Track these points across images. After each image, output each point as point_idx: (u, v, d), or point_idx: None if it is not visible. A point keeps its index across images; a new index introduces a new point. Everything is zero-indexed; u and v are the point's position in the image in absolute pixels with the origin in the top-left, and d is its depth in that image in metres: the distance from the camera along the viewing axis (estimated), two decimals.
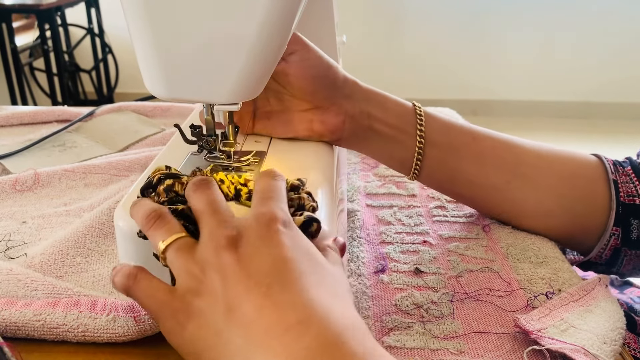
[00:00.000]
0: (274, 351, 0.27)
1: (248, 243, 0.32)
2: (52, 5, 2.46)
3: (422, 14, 3.13)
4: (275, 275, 0.30)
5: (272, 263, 0.30)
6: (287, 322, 0.28)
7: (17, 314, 0.43)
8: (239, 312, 0.29)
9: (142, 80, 0.42)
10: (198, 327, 0.30)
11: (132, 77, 3.10)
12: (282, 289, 0.29)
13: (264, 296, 0.29)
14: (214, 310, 0.30)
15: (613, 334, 0.43)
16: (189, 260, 0.32)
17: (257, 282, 0.30)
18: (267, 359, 0.27)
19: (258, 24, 0.39)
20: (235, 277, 0.30)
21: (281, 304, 0.29)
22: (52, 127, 0.84)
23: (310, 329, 0.27)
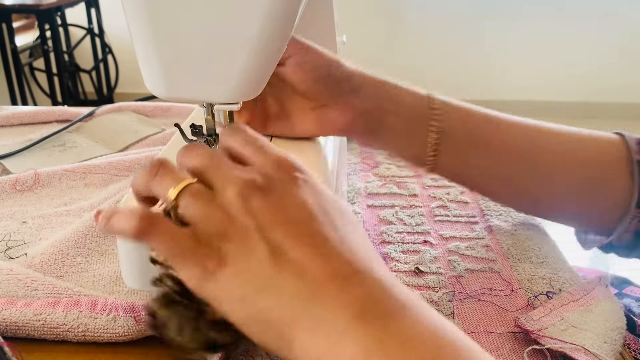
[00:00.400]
0: (332, 298, 0.27)
1: (273, 189, 0.30)
2: (52, 5, 2.46)
3: (422, 14, 3.13)
4: (313, 225, 0.29)
5: (305, 212, 0.30)
6: (342, 273, 0.28)
7: (18, 314, 0.43)
8: (287, 258, 0.28)
9: (142, 80, 0.42)
10: (236, 273, 0.29)
11: (132, 77, 3.10)
12: (326, 240, 0.29)
13: (311, 246, 0.28)
14: (255, 255, 0.28)
15: (613, 334, 0.43)
16: (209, 204, 0.30)
17: (298, 230, 0.29)
18: (327, 306, 0.27)
19: (258, 24, 0.39)
20: (271, 222, 0.29)
21: (329, 255, 0.28)
22: (52, 127, 0.84)
23: (366, 278, 0.28)
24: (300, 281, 0.28)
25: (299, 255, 0.28)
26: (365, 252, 0.30)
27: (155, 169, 0.32)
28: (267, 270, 0.28)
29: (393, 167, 0.74)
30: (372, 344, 0.26)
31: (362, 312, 0.27)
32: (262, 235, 0.29)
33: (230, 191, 0.30)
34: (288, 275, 0.28)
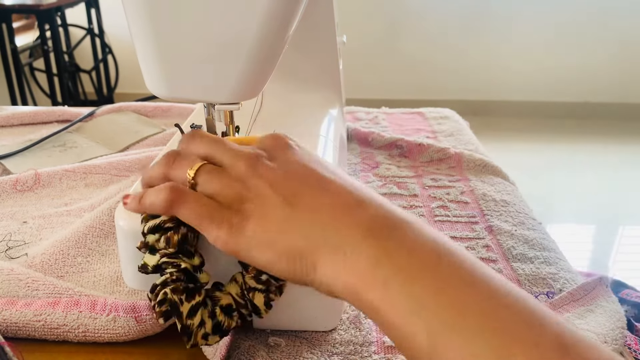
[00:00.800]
0: (344, 223, 0.31)
1: (275, 156, 0.35)
2: (52, 6, 2.46)
3: (422, 14, 3.13)
4: (315, 174, 0.34)
5: (306, 167, 0.34)
6: (349, 203, 0.32)
7: (18, 314, 0.43)
8: (301, 202, 0.33)
9: (142, 80, 0.42)
10: (259, 222, 0.33)
11: (132, 77, 3.10)
12: (329, 182, 0.34)
13: (318, 188, 0.33)
14: (272, 204, 0.33)
15: (614, 334, 0.43)
16: (223, 177, 0.35)
17: (304, 179, 0.34)
18: (341, 230, 0.31)
19: (258, 24, 0.39)
20: (281, 180, 0.34)
21: (335, 191, 0.33)
22: (53, 127, 0.84)
23: (369, 204, 0.32)
24: (315, 214, 0.32)
25: (310, 196, 0.33)
26: (362, 187, 0.34)
27: (172, 158, 0.37)
28: (285, 213, 0.32)
29: (393, 168, 0.74)
30: (381, 254, 0.30)
31: (370, 230, 0.31)
32: (274, 189, 0.33)
33: (240, 164, 0.35)
34: (304, 212, 0.32)
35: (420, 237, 0.31)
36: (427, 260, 0.29)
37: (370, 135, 0.81)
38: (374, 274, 0.30)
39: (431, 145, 0.77)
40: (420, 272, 0.29)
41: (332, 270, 0.31)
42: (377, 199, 0.33)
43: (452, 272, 0.29)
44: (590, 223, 2.23)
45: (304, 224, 0.32)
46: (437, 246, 0.30)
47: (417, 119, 0.92)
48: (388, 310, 0.29)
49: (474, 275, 0.29)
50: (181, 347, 0.43)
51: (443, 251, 0.30)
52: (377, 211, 0.32)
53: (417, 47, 3.19)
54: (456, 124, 0.89)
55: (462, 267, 0.29)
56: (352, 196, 0.33)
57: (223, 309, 0.37)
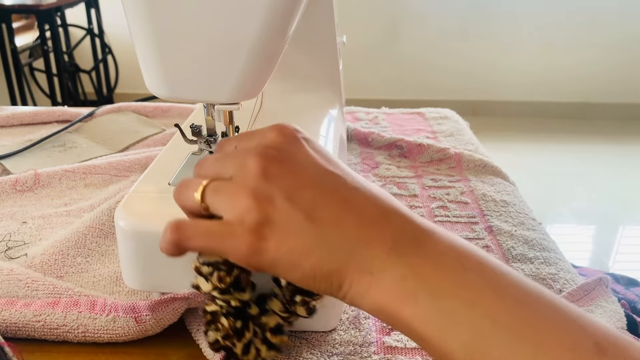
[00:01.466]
0: (369, 240, 0.30)
1: (285, 155, 0.32)
2: (52, 6, 2.46)
3: (422, 14, 3.13)
4: (332, 181, 0.32)
5: (320, 170, 0.32)
6: (373, 216, 0.31)
7: (17, 315, 0.43)
8: (322, 216, 0.31)
9: (142, 80, 0.42)
10: (280, 243, 0.30)
11: (132, 77, 3.10)
12: (348, 191, 0.32)
13: (338, 200, 0.31)
14: (292, 222, 0.30)
15: None
16: (231, 192, 0.32)
17: (321, 189, 0.31)
18: (366, 247, 0.30)
19: (258, 24, 0.39)
20: (296, 188, 0.31)
21: (357, 204, 0.31)
22: (52, 127, 0.84)
23: (393, 216, 0.31)
24: (339, 232, 0.30)
25: (330, 211, 0.31)
26: (382, 194, 0.33)
27: (179, 188, 0.34)
28: (307, 232, 0.30)
29: (393, 168, 0.74)
30: (408, 271, 0.29)
31: (395, 245, 0.30)
32: (292, 202, 0.31)
33: (248, 171, 0.31)
34: (327, 230, 0.30)
35: (445, 248, 0.30)
36: (454, 272, 0.29)
37: (370, 136, 0.81)
38: (402, 291, 0.29)
39: (431, 145, 0.77)
40: (448, 286, 0.28)
41: (361, 289, 0.30)
42: (399, 209, 0.32)
43: (480, 282, 0.28)
44: (590, 223, 2.23)
45: (328, 241, 0.30)
46: (463, 256, 0.30)
47: (417, 119, 0.92)
48: (421, 327, 0.29)
49: (503, 282, 0.29)
50: (181, 347, 0.43)
51: (469, 260, 0.29)
52: (400, 223, 0.31)
53: (417, 47, 3.19)
54: (456, 124, 0.89)
55: (489, 275, 0.29)
56: (376, 208, 0.31)
57: (273, 331, 0.37)
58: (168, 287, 0.43)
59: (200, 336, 0.43)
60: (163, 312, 0.43)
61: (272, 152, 0.32)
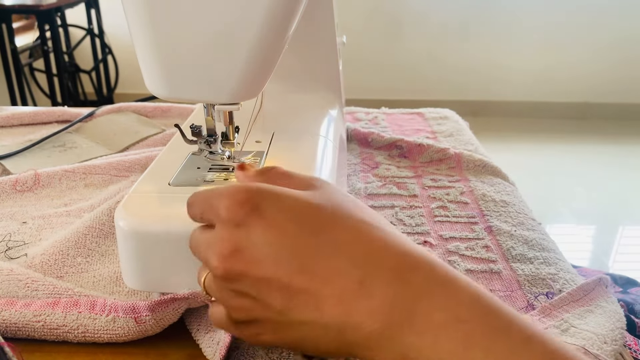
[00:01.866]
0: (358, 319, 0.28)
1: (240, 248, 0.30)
2: (52, 6, 2.46)
3: (422, 14, 3.13)
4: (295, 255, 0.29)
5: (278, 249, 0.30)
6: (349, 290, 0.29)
7: (17, 315, 0.43)
8: (296, 305, 0.29)
9: (142, 80, 0.42)
10: (273, 336, 0.31)
11: (132, 77, 3.10)
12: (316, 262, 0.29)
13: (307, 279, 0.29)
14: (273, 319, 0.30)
15: (613, 334, 0.43)
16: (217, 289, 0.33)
17: (285, 271, 0.29)
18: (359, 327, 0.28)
19: (258, 24, 0.39)
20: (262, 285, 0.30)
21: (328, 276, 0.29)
22: (52, 127, 0.84)
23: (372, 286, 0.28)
24: (321, 316, 0.29)
25: (304, 296, 0.29)
26: (351, 240, 0.30)
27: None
28: (291, 324, 0.30)
29: (393, 168, 0.74)
30: (406, 350, 0.27)
31: (388, 321, 0.28)
32: (263, 300, 0.30)
33: (215, 274, 0.31)
34: (309, 316, 0.29)
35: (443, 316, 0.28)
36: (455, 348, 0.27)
37: (370, 136, 0.81)
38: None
39: (431, 145, 0.77)
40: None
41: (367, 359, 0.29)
42: (381, 268, 0.29)
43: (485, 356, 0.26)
44: (590, 223, 2.23)
45: (316, 328, 0.29)
46: (464, 323, 0.27)
47: (416, 119, 0.92)
48: None
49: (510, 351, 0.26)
50: (180, 347, 0.43)
51: (472, 327, 0.27)
52: (385, 290, 0.28)
53: (417, 48, 3.19)
54: (456, 124, 0.89)
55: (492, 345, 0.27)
56: (350, 277, 0.29)
57: None
58: (168, 287, 0.43)
59: (200, 336, 0.43)
60: (163, 312, 0.43)
61: (226, 249, 0.30)
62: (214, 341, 0.41)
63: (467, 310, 0.27)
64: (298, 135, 0.57)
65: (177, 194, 0.45)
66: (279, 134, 0.57)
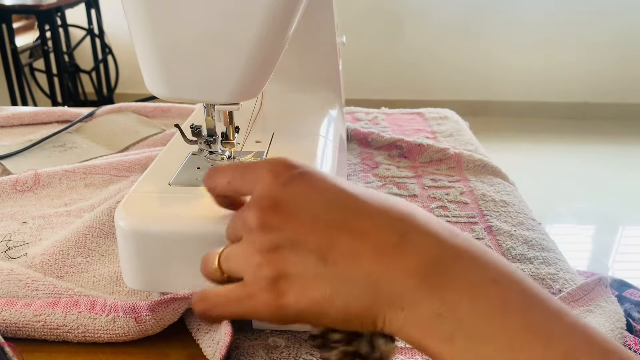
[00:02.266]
0: (392, 271, 0.28)
1: (282, 199, 0.31)
2: (52, 6, 2.46)
3: (422, 14, 3.13)
4: (334, 213, 0.30)
5: (320, 204, 0.30)
6: (391, 242, 0.28)
7: (17, 315, 0.43)
8: (333, 255, 0.29)
9: (142, 80, 0.42)
10: (299, 296, 0.29)
11: (132, 77, 3.10)
12: (354, 218, 0.29)
13: (346, 232, 0.29)
14: (305, 271, 0.29)
15: (613, 334, 0.43)
16: (240, 255, 0.32)
17: (325, 225, 0.29)
18: (390, 281, 0.28)
19: (258, 24, 0.39)
20: (299, 233, 0.30)
21: (367, 231, 0.29)
22: (53, 127, 0.84)
23: (412, 237, 0.29)
24: (356, 270, 0.28)
25: (341, 249, 0.29)
26: (398, 210, 0.30)
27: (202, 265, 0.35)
28: (322, 278, 0.29)
29: (393, 168, 0.74)
30: (441, 307, 0.27)
31: (423, 276, 0.27)
32: (298, 251, 0.29)
33: (249, 229, 0.31)
34: (343, 271, 0.29)
35: (481, 278, 0.27)
36: (494, 313, 0.26)
37: (370, 136, 0.81)
38: (438, 331, 0.27)
39: (431, 145, 0.77)
40: (488, 329, 0.26)
41: (395, 325, 0.28)
42: (420, 225, 0.29)
43: (522, 324, 0.26)
44: (590, 223, 2.23)
45: (348, 283, 0.29)
46: (504, 287, 0.27)
47: (416, 119, 0.92)
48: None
49: (547, 324, 0.26)
50: (181, 347, 0.43)
51: (510, 295, 0.27)
52: (424, 248, 0.28)
53: (416, 48, 3.19)
54: (456, 124, 0.89)
55: (533, 317, 0.26)
56: (392, 232, 0.29)
57: None
58: (168, 287, 0.43)
59: (200, 336, 0.43)
60: (163, 312, 0.43)
61: (266, 202, 0.31)
62: (214, 341, 0.41)
63: (504, 276, 0.27)
64: (298, 135, 0.57)
65: (177, 194, 0.45)
66: (279, 134, 0.57)
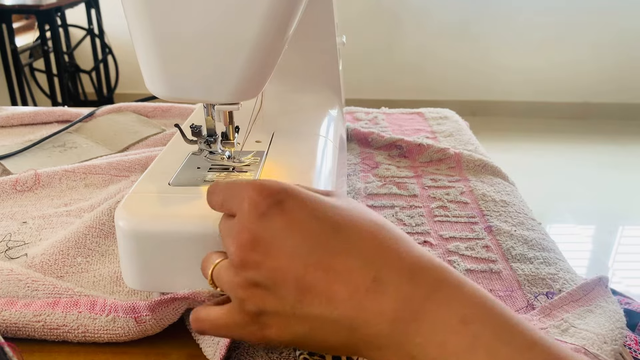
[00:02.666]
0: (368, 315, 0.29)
1: (260, 238, 0.31)
2: (52, 6, 2.46)
3: (422, 14, 3.13)
4: (313, 249, 0.30)
5: (298, 241, 0.30)
6: (362, 286, 0.29)
7: (17, 315, 0.43)
8: (309, 299, 0.30)
9: (142, 80, 0.42)
10: (280, 331, 0.31)
11: (132, 77, 3.10)
12: (332, 257, 0.30)
13: (322, 272, 0.29)
14: (284, 311, 0.30)
15: (613, 334, 0.43)
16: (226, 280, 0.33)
17: (302, 263, 0.30)
18: (368, 323, 0.29)
19: (258, 24, 0.39)
20: (277, 275, 0.30)
21: (343, 271, 0.29)
22: (53, 127, 0.84)
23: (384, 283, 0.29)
24: (332, 311, 0.29)
25: (317, 290, 0.29)
26: (369, 237, 0.30)
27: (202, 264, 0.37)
28: (300, 317, 0.30)
29: (393, 168, 0.74)
30: (414, 350, 0.28)
31: (396, 320, 0.28)
32: (277, 291, 0.30)
33: (232, 260, 0.32)
34: (320, 310, 0.29)
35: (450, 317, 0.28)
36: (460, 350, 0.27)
37: (370, 136, 0.81)
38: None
39: (431, 145, 0.77)
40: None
41: (372, 358, 0.30)
42: (391, 263, 0.29)
43: None
44: (590, 223, 2.23)
45: (327, 321, 0.30)
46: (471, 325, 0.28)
47: (416, 119, 0.92)
48: None
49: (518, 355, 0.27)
50: (181, 347, 0.43)
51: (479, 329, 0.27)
52: (396, 291, 0.29)
53: (416, 48, 3.19)
54: (456, 124, 0.89)
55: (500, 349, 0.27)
56: (366, 273, 0.29)
57: None
58: (168, 287, 0.43)
59: (200, 336, 0.43)
60: (163, 312, 0.43)
61: (244, 237, 0.31)
62: (214, 341, 0.41)
63: (474, 313, 0.28)
64: (298, 135, 0.57)
65: (177, 194, 0.45)
66: (279, 134, 0.57)
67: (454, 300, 0.28)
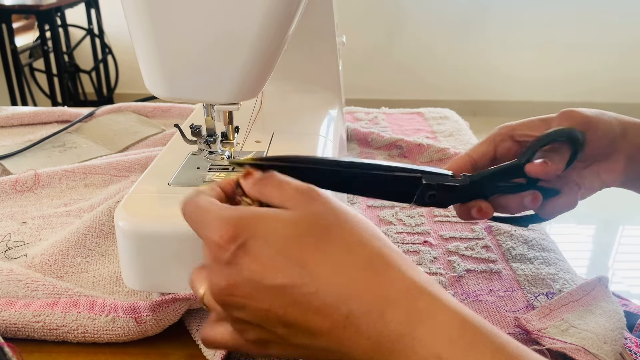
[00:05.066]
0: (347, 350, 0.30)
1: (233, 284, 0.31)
2: (52, 6, 2.46)
3: (422, 14, 3.13)
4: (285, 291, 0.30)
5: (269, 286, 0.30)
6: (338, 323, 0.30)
7: (17, 315, 0.43)
8: (294, 336, 0.31)
9: (142, 81, 0.42)
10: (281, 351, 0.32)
11: (132, 77, 3.10)
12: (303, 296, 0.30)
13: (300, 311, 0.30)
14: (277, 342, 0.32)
15: (613, 334, 0.43)
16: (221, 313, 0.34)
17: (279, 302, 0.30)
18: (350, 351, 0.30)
19: (258, 24, 0.39)
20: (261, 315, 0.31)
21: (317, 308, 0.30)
22: (52, 127, 0.84)
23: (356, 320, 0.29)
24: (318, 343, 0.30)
25: (299, 325, 0.30)
26: (341, 270, 0.30)
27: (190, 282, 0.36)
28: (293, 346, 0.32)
29: None
30: None
31: (373, 356, 0.29)
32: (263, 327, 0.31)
33: (215, 308, 0.33)
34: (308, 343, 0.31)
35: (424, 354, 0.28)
36: None
37: (370, 136, 0.81)
38: None
39: (431, 145, 0.77)
40: None
41: None
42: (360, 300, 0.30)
43: None
44: (590, 223, 2.23)
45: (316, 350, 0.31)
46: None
47: (416, 119, 0.92)
48: None
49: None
50: (181, 347, 0.43)
51: None
52: (367, 329, 0.29)
53: (416, 48, 3.19)
54: (456, 124, 0.89)
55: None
56: (338, 309, 0.30)
57: None
58: (168, 287, 0.43)
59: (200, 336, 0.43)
60: (163, 313, 0.43)
61: (217, 290, 0.31)
62: None
63: (447, 348, 0.28)
64: (298, 135, 0.57)
65: (177, 194, 0.45)
66: (279, 134, 0.57)
67: (431, 332, 0.29)
